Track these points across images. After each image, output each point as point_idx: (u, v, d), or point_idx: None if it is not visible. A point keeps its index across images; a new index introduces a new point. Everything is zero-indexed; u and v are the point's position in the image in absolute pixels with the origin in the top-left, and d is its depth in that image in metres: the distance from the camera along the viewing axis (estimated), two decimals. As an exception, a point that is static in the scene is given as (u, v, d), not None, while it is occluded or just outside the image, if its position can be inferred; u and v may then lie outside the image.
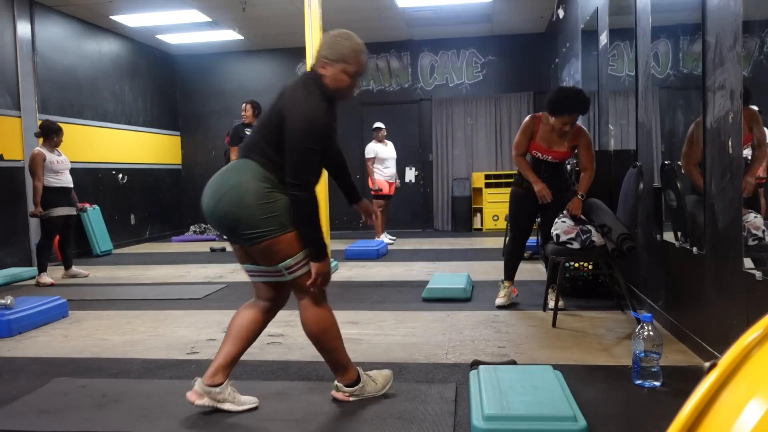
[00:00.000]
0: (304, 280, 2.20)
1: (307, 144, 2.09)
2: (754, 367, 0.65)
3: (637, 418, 2.18)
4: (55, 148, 5.40)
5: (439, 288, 4.23)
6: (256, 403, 2.32)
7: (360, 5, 7.38)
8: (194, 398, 2.25)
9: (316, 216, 2.14)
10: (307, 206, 2.11)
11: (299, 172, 2.09)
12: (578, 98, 3.54)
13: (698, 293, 2.84)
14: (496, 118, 9.12)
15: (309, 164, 2.11)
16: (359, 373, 2.36)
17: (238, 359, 2.31)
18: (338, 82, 2.20)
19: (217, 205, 2.16)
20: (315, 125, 2.10)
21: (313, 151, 2.10)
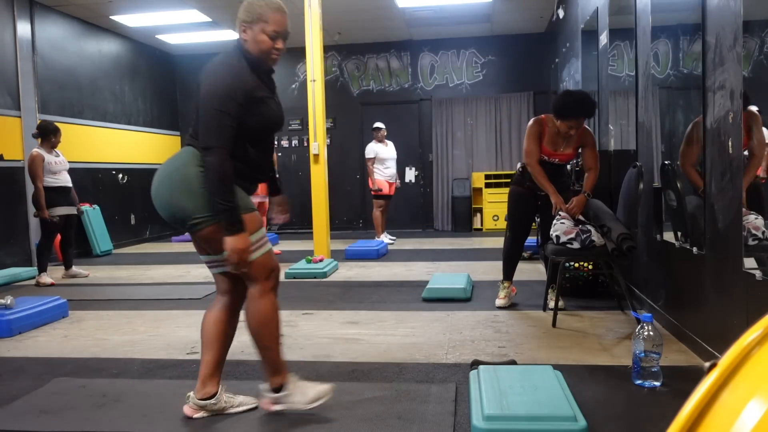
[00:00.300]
0: (252, 267, 2.10)
1: (215, 106, 1.99)
2: (754, 367, 0.65)
3: (637, 418, 2.18)
4: (53, 149, 5.40)
5: (439, 288, 4.23)
6: (255, 403, 2.31)
7: (360, 5, 7.38)
8: (190, 413, 2.25)
9: (226, 184, 1.99)
10: (213, 172, 1.98)
11: (206, 135, 1.99)
12: (585, 102, 3.53)
13: (698, 293, 2.84)
14: (496, 118, 9.12)
15: (216, 127, 1.99)
16: (290, 382, 2.21)
17: (221, 363, 2.28)
18: (259, 44, 2.10)
19: (158, 192, 2.11)
20: (223, 86, 2.01)
21: (221, 113, 1.99)
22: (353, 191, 9.52)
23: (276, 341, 2.19)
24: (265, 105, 2.13)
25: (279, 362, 2.20)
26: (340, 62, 9.47)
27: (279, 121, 2.21)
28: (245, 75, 2.07)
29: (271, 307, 2.16)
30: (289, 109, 9.57)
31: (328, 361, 2.94)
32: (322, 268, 5.31)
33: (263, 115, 2.12)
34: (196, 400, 2.24)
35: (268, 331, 2.17)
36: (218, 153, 1.98)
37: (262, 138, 2.18)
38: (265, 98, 2.13)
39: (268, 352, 2.19)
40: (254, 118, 2.08)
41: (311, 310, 4.04)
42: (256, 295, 2.15)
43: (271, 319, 2.17)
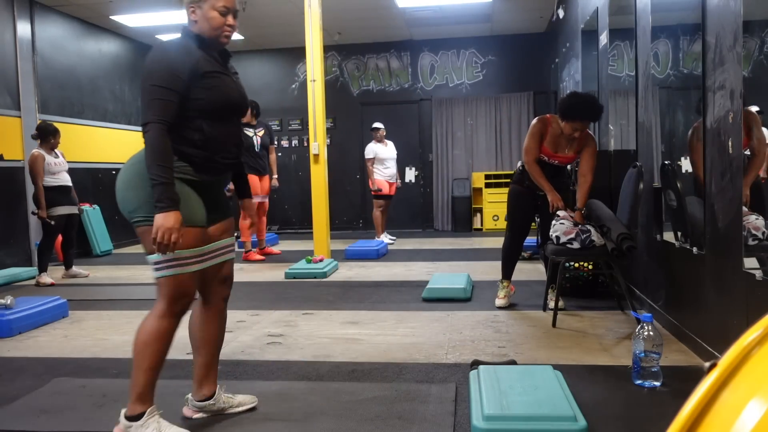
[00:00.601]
0: (162, 283, 1.98)
1: (153, 81, 1.91)
2: (754, 367, 0.65)
3: (637, 418, 2.18)
4: (53, 150, 5.40)
5: (439, 288, 4.23)
6: (254, 403, 2.31)
7: (360, 5, 7.38)
8: (189, 414, 2.26)
9: (160, 158, 1.88)
10: (149, 146, 1.88)
11: (144, 111, 1.91)
12: (592, 106, 3.51)
13: (698, 293, 2.84)
14: (496, 118, 9.12)
15: (153, 102, 1.90)
16: (147, 414, 1.99)
17: (213, 364, 2.26)
18: (210, 21, 2.01)
19: (116, 183, 2.05)
20: (164, 62, 1.94)
21: (158, 88, 1.90)
22: (353, 191, 9.52)
23: (155, 368, 1.99)
24: (219, 80, 2.03)
25: (146, 391, 1.99)
26: (340, 62, 9.47)
27: (237, 98, 2.10)
28: (191, 50, 1.99)
29: (166, 332, 2.00)
30: (289, 109, 9.58)
31: (328, 361, 2.94)
32: (322, 268, 5.31)
33: (216, 89, 2.01)
34: (195, 402, 2.24)
35: (150, 354, 1.98)
36: (153, 128, 1.88)
37: (221, 117, 2.05)
38: (217, 73, 2.03)
39: (140, 374, 1.98)
40: (207, 92, 1.99)
41: (311, 310, 4.04)
42: (157, 314, 2.00)
43: (161, 343, 1.99)
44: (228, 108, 2.07)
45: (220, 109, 2.04)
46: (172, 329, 2.02)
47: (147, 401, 2.00)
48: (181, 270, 1.99)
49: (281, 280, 5.26)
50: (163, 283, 1.99)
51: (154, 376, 2.01)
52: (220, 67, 2.07)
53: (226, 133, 2.08)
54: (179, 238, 1.90)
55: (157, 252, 1.93)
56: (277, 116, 9.54)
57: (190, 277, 2.02)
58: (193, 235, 2.01)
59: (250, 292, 4.71)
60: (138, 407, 1.99)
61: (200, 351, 2.24)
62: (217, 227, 2.19)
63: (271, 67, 9.64)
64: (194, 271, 2.04)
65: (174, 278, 1.98)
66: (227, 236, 2.23)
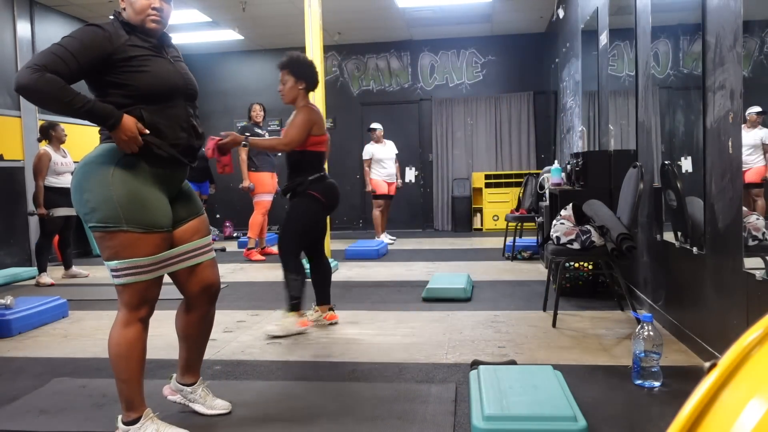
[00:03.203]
0: (121, 291, 1.93)
1: (60, 42, 1.83)
2: (754, 367, 0.65)
3: (637, 418, 2.19)
4: (60, 147, 5.42)
5: (439, 288, 4.23)
6: (227, 409, 2.27)
7: (360, 5, 7.38)
8: (167, 393, 2.29)
9: (66, 91, 1.78)
10: (50, 87, 1.76)
11: (33, 58, 1.78)
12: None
13: (698, 293, 2.84)
14: (496, 118, 9.12)
15: (46, 52, 1.79)
16: (143, 417, 1.99)
17: (194, 359, 2.26)
18: (134, 4, 1.96)
19: (70, 187, 1.98)
20: (79, 31, 1.86)
21: (58, 45, 1.81)
22: (353, 191, 9.52)
23: (135, 375, 1.96)
24: (151, 62, 1.94)
25: (134, 398, 1.97)
26: (340, 62, 9.47)
27: (176, 79, 2.00)
28: (117, 33, 1.91)
29: (134, 339, 1.95)
30: (290, 109, 9.55)
31: (328, 361, 2.94)
32: (322, 268, 5.30)
33: (148, 72, 1.92)
34: (176, 383, 2.28)
35: (125, 364, 1.94)
36: (32, 69, 1.74)
37: (160, 100, 1.96)
38: (149, 56, 1.95)
39: (124, 385, 1.96)
40: (137, 75, 1.91)
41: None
42: (122, 322, 1.95)
43: (133, 351, 1.95)
44: (165, 90, 1.97)
45: (157, 92, 1.95)
46: (140, 335, 1.97)
47: (139, 407, 2.00)
48: (139, 278, 1.92)
49: (281, 280, 5.24)
50: (122, 290, 1.94)
51: (137, 383, 1.98)
52: (153, 50, 1.99)
53: (169, 117, 1.98)
54: (141, 129, 1.89)
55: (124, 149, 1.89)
56: (277, 116, 9.54)
57: (150, 283, 1.96)
58: (151, 242, 1.92)
59: (250, 292, 4.71)
60: (132, 414, 1.99)
61: (183, 344, 2.26)
62: (186, 228, 2.09)
63: (271, 67, 9.59)
64: (154, 278, 1.96)
65: (133, 285, 1.93)
66: (199, 237, 2.12)
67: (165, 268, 2.01)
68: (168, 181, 2.04)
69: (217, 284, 2.20)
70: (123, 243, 1.89)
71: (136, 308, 1.95)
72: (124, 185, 1.90)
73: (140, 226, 1.90)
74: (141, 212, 1.90)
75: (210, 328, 2.28)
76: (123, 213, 1.87)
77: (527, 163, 9.06)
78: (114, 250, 1.89)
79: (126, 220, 1.88)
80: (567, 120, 7.15)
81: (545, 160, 8.71)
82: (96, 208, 1.88)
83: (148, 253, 1.92)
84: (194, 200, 2.18)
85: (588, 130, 5.52)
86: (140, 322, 1.97)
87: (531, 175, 6.35)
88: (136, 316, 1.96)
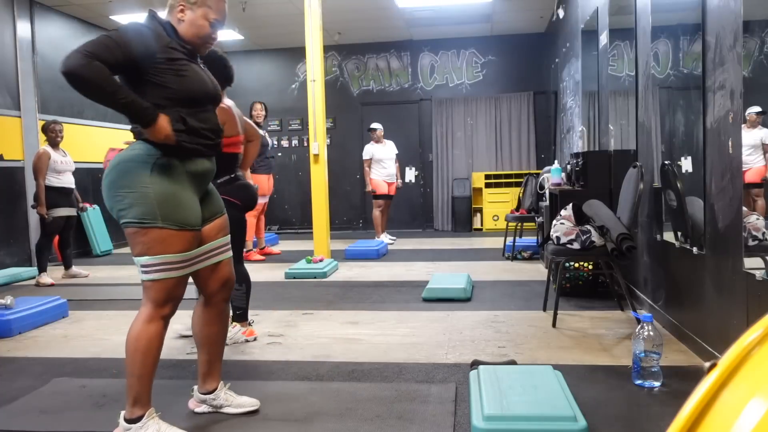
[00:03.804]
0: (149, 286, 1.97)
1: (109, 34, 1.87)
2: (754, 367, 0.65)
3: (637, 418, 2.18)
4: (59, 147, 5.42)
5: (439, 288, 4.23)
6: (255, 406, 2.30)
7: (360, 5, 7.38)
8: (193, 406, 2.30)
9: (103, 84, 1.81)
10: (96, 76, 1.79)
11: (82, 46, 1.81)
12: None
13: (698, 293, 2.84)
14: (496, 118, 9.12)
15: (96, 41, 1.82)
16: (146, 416, 1.99)
17: (215, 362, 2.27)
18: (198, 29, 2.03)
19: (102, 186, 2.01)
20: (127, 28, 1.91)
21: (108, 37, 1.85)
22: (353, 191, 9.52)
23: (148, 372, 1.98)
24: (189, 68, 2.01)
25: (142, 394, 1.98)
26: (340, 62, 9.47)
27: (210, 86, 2.08)
28: (161, 33, 1.97)
29: (155, 336, 1.97)
30: (289, 109, 9.58)
31: (328, 361, 2.94)
32: (322, 268, 5.31)
33: (187, 77, 1.99)
34: (198, 393, 2.28)
35: (142, 359, 1.96)
36: (81, 54, 1.77)
37: (196, 104, 2.03)
38: (186, 61, 2.01)
39: (134, 380, 1.97)
40: (178, 79, 1.97)
41: (311, 310, 4.04)
42: (144, 318, 1.98)
43: (151, 347, 1.97)
44: (200, 95, 2.04)
45: (193, 96, 2.02)
46: (160, 333, 2.00)
47: (145, 404, 2.00)
48: (169, 274, 1.96)
49: (281, 280, 5.26)
50: (150, 286, 1.97)
51: (149, 380, 2.00)
52: (189, 56, 2.05)
53: (202, 120, 2.05)
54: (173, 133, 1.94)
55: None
56: (277, 116, 9.54)
57: (178, 281, 2.00)
58: (184, 239, 1.98)
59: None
60: (136, 410, 1.99)
61: (203, 348, 2.26)
62: (212, 226, 2.16)
63: (271, 67, 9.64)
64: (183, 275, 2.01)
65: (161, 282, 1.96)
66: (222, 235, 2.20)
67: (193, 266, 2.06)
68: (199, 181, 2.09)
69: (232, 280, 2.28)
70: (156, 239, 1.93)
71: (161, 305, 1.99)
72: (162, 184, 1.95)
73: (174, 223, 1.94)
74: (176, 210, 1.95)
75: (227, 327, 2.32)
76: (159, 210, 1.92)
77: (527, 163, 9.06)
78: (146, 246, 1.94)
79: (162, 217, 1.92)
80: (567, 120, 7.15)
81: (545, 160, 8.71)
82: (132, 204, 1.92)
83: (180, 249, 1.97)
84: (217, 200, 2.24)
85: (588, 130, 5.52)
86: (162, 320, 2.00)
87: (531, 175, 6.35)
88: (159, 313, 1.99)
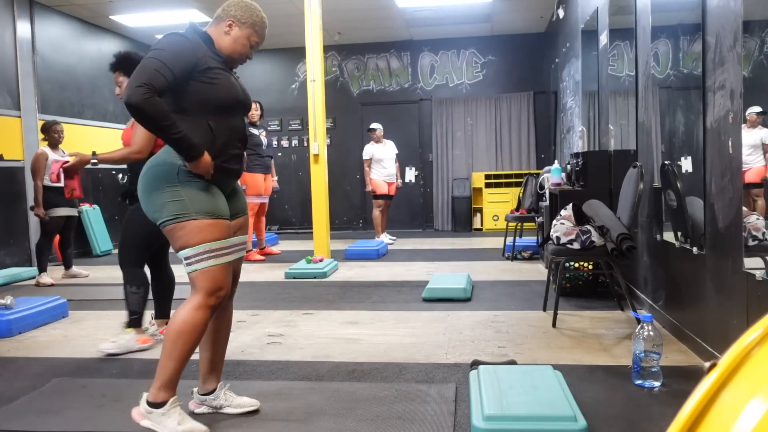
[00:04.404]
0: (195, 277, 2.03)
1: (152, 54, 1.97)
2: (754, 367, 0.65)
3: (637, 418, 2.18)
4: (58, 148, 5.42)
5: (439, 288, 4.23)
6: (255, 406, 2.30)
7: (360, 5, 7.38)
8: (193, 407, 2.30)
9: (166, 116, 1.93)
10: (153, 109, 1.91)
11: (133, 77, 1.93)
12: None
13: (698, 293, 2.84)
14: (496, 118, 9.12)
15: (145, 69, 1.93)
16: (170, 402, 2.04)
17: (217, 360, 2.28)
18: (239, 47, 2.16)
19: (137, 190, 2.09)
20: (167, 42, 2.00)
21: (154, 60, 1.95)
22: (353, 191, 9.52)
23: (185, 358, 2.03)
24: (223, 76, 2.09)
25: (173, 379, 2.04)
26: (340, 62, 9.47)
27: (241, 95, 2.17)
28: (198, 44, 2.06)
29: (201, 323, 2.03)
30: (289, 109, 9.58)
31: (328, 361, 2.94)
32: (322, 268, 5.31)
33: (220, 85, 2.07)
34: (198, 395, 2.28)
35: (184, 344, 2.01)
36: (143, 89, 1.89)
37: (227, 112, 2.12)
38: (220, 70, 2.10)
39: (171, 363, 2.02)
40: (211, 87, 2.05)
41: (311, 310, 4.04)
42: (193, 305, 2.03)
43: (195, 334, 2.02)
44: (231, 103, 2.13)
45: (225, 104, 2.10)
46: (206, 321, 2.05)
47: (171, 390, 2.05)
48: (214, 262, 2.03)
49: (281, 280, 5.26)
50: (197, 276, 2.03)
51: (182, 365, 2.04)
52: (223, 66, 2.14)
53: (232, 128, 2.14)
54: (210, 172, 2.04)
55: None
56: (277, 116, 9.55)
57: (223, 268, 2.06)
58: (219, 227, 2.06)
59: (250, 292, 4.71)
60: (162, 394, 2.03)
61: (205, 346, 2.26)
62: (235, 223, 2.23)
63: (271, 67, 9.63)
64: (227, 262, 2.08)
65: (206, 271, 2.02)
66: (242, 233, 2.27)
67: (233, 254, 2.12)
68: (225, 179, 2.17)
69: (237, 276, 2.32)
70: (193, 230, 2.00)
71: (210, 294, 2.04)
72: (189, 183, 2.03)
73: (207, 214, 2.03)
74: (207, 203, 2.04)
75: (230, 323, 2.34)
76: (191, 204, 2.01)
77: (527, 163, 9.06)
78: (185, 239, 2.01)
79: (195, 210, 2.01)
80: (567, 120, 7.15)
81: (545, 160, 8.71)
82: (165, 204, 2.01)
83: (218, 237, 2.04)
84: (242, 199, 2.30)
85: (588, 130, 5.52)
86: (210, 309, 2.05)
87: (531, 175, 6.35)
88: (208, 302, 2.04)
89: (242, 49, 2.17)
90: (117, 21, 7.67)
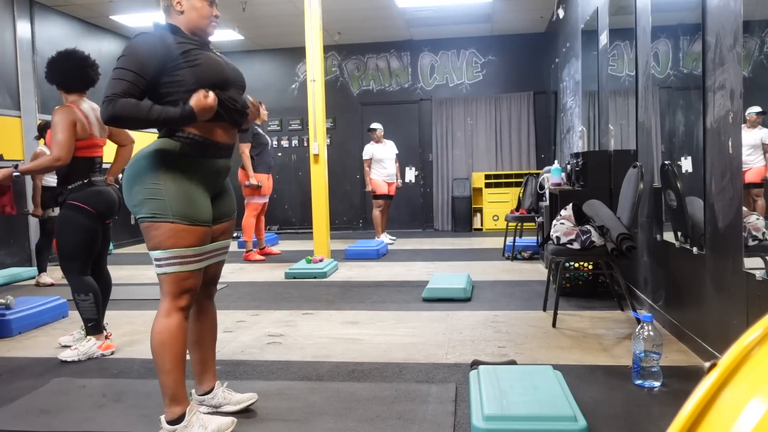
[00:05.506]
0: (163, 280, 2.01)
1: (117, 64, 1.96)
2: (754, 367, 0.65)
3: (637, 418, 2.18)
4: None
5: (439, 288, 4.23)
6: (254, 399, 2.30)
7: (360, 5, 7.38)
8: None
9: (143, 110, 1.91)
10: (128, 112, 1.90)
11: (106, 89, 1.93)
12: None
13: (698, 293, 2.84)
14: (496, 118, 9.12)
15: (113, 80, 1.92)
16: (188, 413, 2.02)
17: (209, 360, 2.28)
18: (200, 10, 2.09)
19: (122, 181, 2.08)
20: (132, 47, 1.97)
21: (120, 70, 1.93)
22: (353, 191, 9.52)
23: (178, 366, 2.01)
24: (202, 55, 2.04)
25: (178, 391, 2.01)
26: (340, 62, 9.47)
27: (228, 71, 2.12)
28: (165, 38, 2.02)
29: (177, 327, 2.00)
30: (289, 109, 9.58)
31: (328, 361, 2.94)
32: (322, 268, 5.31)
33: (201, 64, 2.02)
34: (196, 396, 2.28)
35: (168, 353, 1.99)
36: (106, 102, 1.90)
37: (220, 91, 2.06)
38: (198, 50, 2.05)
39: (168, 377, 1.99)
40: (192, 69, 2.00)
41: (311, 310, 4.04)
42: (163, 313, 2.01)
43: (177, 340, 2.00)
44: (220, 79, 2.07)
45: (213, 81, 2.03)
46: (181, 323, 2.03)
47: (182, 401, 2.02)
48: (183, 268, 2.01)
49: (281, 280, 5.26)
50: (164, 279, 2.01)
51: (180, 374, 2.02)
52: (200, 46, 2.08)
53: (228, 99, 2.09)
54: (212, 100, 1.97)
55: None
56: (277, 116, 9.54)
57: (191, 274, 2.03)
58: (195, 234, 2.02)
59: (250, 292, 4.71)
60: (176, 410, 2.01)
61: (192, 348, 2.26)
62: (219, 227, 2.20)
63: (271, 67, 9.63)
64: (195, 269, 2.05)
65: (174, 275, 2.00)
66: (224, 238, 2.24)
67: (205, 261, 2.10)
68: (212, 179, 2.13)
69: (218, 278, 2.30)
70: (168, 233, 1.97)
71: (177, 297, 2.02)
72: (174, 181, 1.99)
73: (185, 219, 1.99)
74: (187, 207, 2.00)
75: (215, 322, 2.33)
76: (171, 205, 1.97)
77: (527, 163, 9.06)
78: (159, 240, 1.98)
79: (173, 213, 1.97)
80: (567, 120, 7.15)
81: (545, 160, 8.71)
82: (146, 200, 1.98)
83: (191, 244, 2.01)
84: (229, 202, 2.27)
85: (588, 130, 5.52)
86: (181, 312, 2.03)
87: (531, 175, 6.35)
88: (176, 305, 2.02)
89: (206, 12, 2.11)
90: (117, 21, 7.67)
